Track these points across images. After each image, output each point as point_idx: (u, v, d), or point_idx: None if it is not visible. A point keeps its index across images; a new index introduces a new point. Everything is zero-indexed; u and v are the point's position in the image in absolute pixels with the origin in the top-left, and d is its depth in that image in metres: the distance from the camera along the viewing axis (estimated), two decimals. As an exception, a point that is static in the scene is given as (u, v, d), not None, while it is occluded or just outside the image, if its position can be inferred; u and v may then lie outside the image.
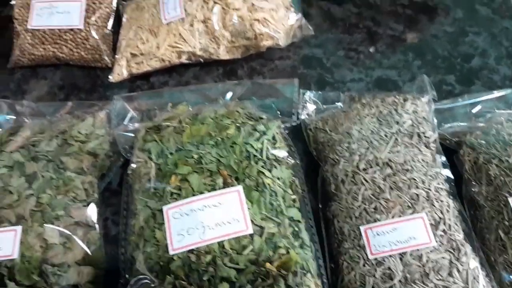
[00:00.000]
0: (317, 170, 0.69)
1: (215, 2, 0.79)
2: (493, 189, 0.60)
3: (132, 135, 0.71)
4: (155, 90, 0.80)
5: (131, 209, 0.62)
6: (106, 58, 0.86)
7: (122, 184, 0.68)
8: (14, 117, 0.74)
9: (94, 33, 0.85)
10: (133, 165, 0.64)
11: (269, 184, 0.60)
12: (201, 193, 0.58)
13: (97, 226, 0.63)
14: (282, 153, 0.65)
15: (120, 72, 0.81)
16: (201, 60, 0.82)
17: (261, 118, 0.69)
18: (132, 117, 0.74)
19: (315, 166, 0.70)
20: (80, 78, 0.87)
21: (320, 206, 0.65)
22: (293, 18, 0.81)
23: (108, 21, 0.88)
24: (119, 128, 0.72)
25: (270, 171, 0.61)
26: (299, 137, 0.73)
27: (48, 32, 0.85)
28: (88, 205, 0.63)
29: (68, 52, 0.86)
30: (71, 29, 0.85)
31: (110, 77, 0.82)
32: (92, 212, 0.63)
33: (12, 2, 0.90)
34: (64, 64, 0.88)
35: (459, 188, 0.64)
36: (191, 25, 0.79)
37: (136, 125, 0.72)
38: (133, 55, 0.80)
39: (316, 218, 0.63)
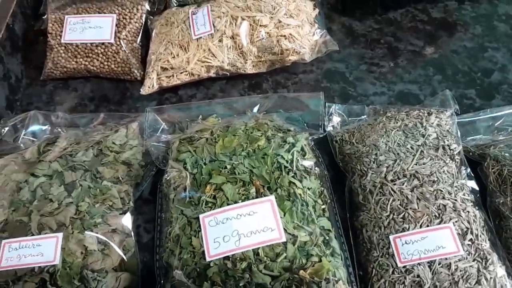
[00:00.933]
0: (342, 181, 0.71)
1: (243, 19, 0.82)
2: (518, 200, 0.62)
3: (164, 146, 0.74)
4: (184, 103, 0.83)
5: (166, 217, 0.64)
6: (135, 71, 0.90)
7: (156, 193, 0.71)
8: (49, 128, 0.77)
9: (124, 47, 0.89)
10: (168, 175, 0.67)
11: (300, 194, 0.62)
12: (235, 202, 0.60)
13: (132, 233, 0.65)
14: (310, 164, 0.67)
15: (150, 85, 0.84)
16: (228, 74, 0.85)
17: (289, 130, 0.72)
18: (163, 129, 0.77)
19: (340, 177, 0.72)
20: (109, 90, 0.90)
21: (348, 215, 0.67)
22: (318, 34, 0.84)
23: (137, 35, 0.92)
24: (152, 139, 0.75)
25: (300, 181, 0.64)
26: (324, 149, 0.76)
27: (81, 46, 0.89)
28: (124, 213, 0.66)
29: (99, 65, 0.89)
30: (103, 43, 0.88)
31: (141, 90, 0.85)
32: (127, 220, 0.65)
33: (44, 17, 0.95)
34: (94, 76, 0.92)
35: (483, 199, 0.66)
36: (220, 40, 0.82)
37: (168, 136, 0.75)
38: (164, 69, 0.84)
39: (343, 228, 0.66)
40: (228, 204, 0.60)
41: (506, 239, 0.62)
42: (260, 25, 0.81)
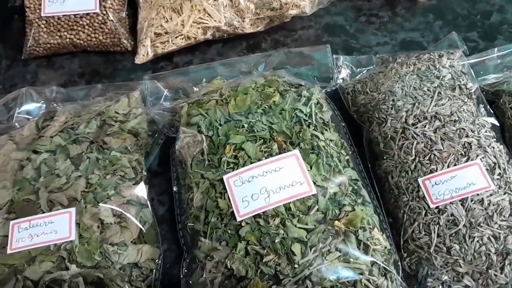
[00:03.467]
0: (358, 133, 0.69)
1: (237, -26, 0.78)
2: (540, 134, 0.62)
3: (170, 112, 0.70)
4: (184, 68, 0.78)
5: (186, 184, 0.61)
6: (125, 41, 0.85)
7: (164, 164, 0.68)
8: (44, 104, 0.72)
9: (111, 16, 0.83)
10: (181, 141, 0.63)
11: (323, 146, 0.60)
12: (259, 160, 0.58)
13: (148, 203, 0.62)
14: (328, 116, 0.65)
15: (145, 53, 0.79)
16: (225, 35, 0.81)
17: (301, 85, 0.69)
18: (166, 96, 0.73)
19: (355, 130, 0.70)
20: (100, 64, 0.85)
21: (370, 165, 0.65)
22: (316, -14, 0.81)
23: (124, 4, 0.86)
24: (156, 107, 0.71)
25: (322, 133, 0.61)
26: (334, 102, 0.74)
27: (63, 18, 0.83)
28: (137, 183, 0.62)
29: (85, 38, 0.83)
30: (87, 14, 0.83)
31: (135, 59, 0.80)
32: (142, 190, 0.62)
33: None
34: (80, 51, 0.86)
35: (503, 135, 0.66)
36: (215, -1, 0.78)
37: (172, 103, 0.71)
38: (158, 34, 0.79)
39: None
40: (251, 163, 0.58)
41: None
42: (256, -20, 0.77)
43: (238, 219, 0.54)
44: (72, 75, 0.84)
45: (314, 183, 0.56)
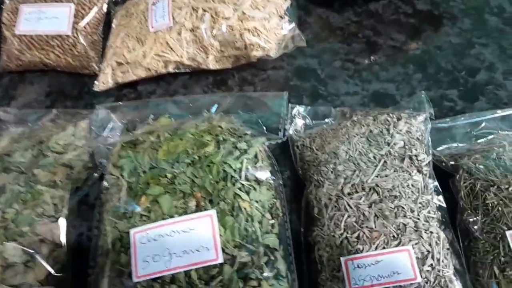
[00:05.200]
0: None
1: (204, 11, 0.75)
2: (490, 220, 0.55)
3: (111, 148, 0.68)
4: (141, 100, 0.77)
5: (101, 229, 0.59)
6: (94, 65, 0.84)
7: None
8: (-2, 124, 0.72)
9: (82, 39, 0.83)
10: (106, 182, 0.61)
11: (245, 208, 0.56)
12: (171, 216, 0.54)
13: (64, 243, 0.60)
14: (263, 173, 0.61)
15: (105, 80, 0.78)
16: (190, 69, 0.79)
17: (245, 134, 0.65)
18: (114, 128, 0.71)
19: (303, 187, 0.66)
20: (67, 85, 0.85)
21: (303, 230, 0.61)
22: (287, 28, 0.77)
23: (98, 27, 0.86)
24: (99, 139, 0.69)
25: (248, 193, 0.57)
26: (288, 154, 0.69)
27: (36, 37, 0.83)
28: (56, 220, 0.60)
29: (55, 58, 0.83)
30: (59, 35, 0.83)
31: (94, 86, 0.79)
32: (59, 228, 0.60)
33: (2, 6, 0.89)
34: (52, 70, 0.86)
35: (455, 215, 0.59)
36: (179, 33, 0.75)
37: (116, 138, 0.69)
38: (119, 63, 0.78)
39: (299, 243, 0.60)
40: (163, 219, 0.54)
41: (474, 263, 0.55)
42: (222, 18, 0.74)
43: (135, 280, 0.51)
44: (39, 94, 0.84)
45: (223, 250, 0.52)
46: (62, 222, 0.61)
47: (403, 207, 0.55)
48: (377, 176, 0.57)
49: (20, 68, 0.86)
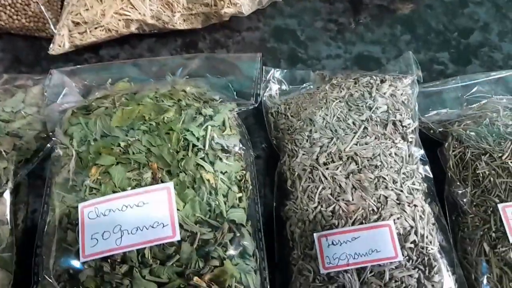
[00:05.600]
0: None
1: (169, -38, 0.67)
2: (480, 192, 0.50)
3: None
4: (100, 64, 0.69)
5: (49, 204, 0.53)
6: (52, 27, 0.76)
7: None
8: None
9: (36, -3, 0.75)
10: (55, 152, 0.55)
11: (208, 180, 0.50)
12: (124, 189, 0.48)
13: (8, 220, 0.54)
14: (232, 142, 0.55)
15: (61, 42, 0.71)
16: (155, 30, 0.71)
17: (213, 100, 0.59)
18: (69, 94, 0.64)
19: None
20: (22, 50, 0.77)
21: (275, 204, 0.55)
22: (261, -19, 0.70)
23: (55, -17, 0.78)
24: (52, 106, 0.62)
25: (212, 164, 0.51)
26: (264, 123, 0.63)
27: (-15, -4, 0.75)
28: (0, 195, 0.54)
29: (7, 20, 0.75)
30: (11, -7, 0.74)
31: (50, 48, 0.71)
32: (4, 203, 0.54)
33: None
34: (6, 33, 0.78)
35: (443, 188, 0.54)
36: (141, -12, 0.67)
37: (72, 104, 0.62)
38: (76, 23, 0.70)
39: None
40: (114, 192, 0.48)
41: (462, 239, 0.50)
42: (188, -30, 0.66)
43: (82, 259, 0.45)
44: (-9, 59, 0.77)
45: (182, 226, 0.46)
46: (7, 197, 0.54)
47: (384, 178, 0.49)
48: (356, 144, 0.51)
49: (-28, 31, 0.78)
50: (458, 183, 0.51)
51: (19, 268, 0.55)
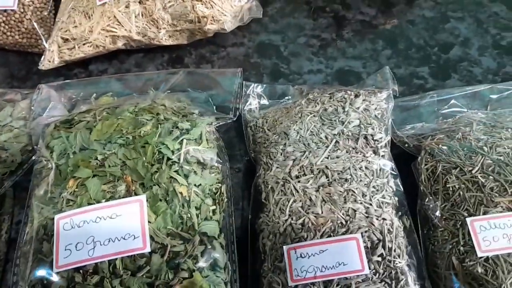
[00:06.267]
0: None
1: (154, -20, 0.69)
2: (450, 206, 0.50)
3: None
4: (86, 79, 0.71)
5: (29, 216, 0.54)
6: (45, 43, 0.78)
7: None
8: None
9: (29, 15, 0.77)
10: (37, 165, 0.56)
11: (181, 193, 0.51)
12: (98, 201, 0.50)
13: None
14: (208, 156, 0.56)
15: (50, 58, 0.73)
16: (142, 46, 0.73)
17: (192, 114, 0.60)
18: (55, 108, 0.66)
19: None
20: (15, 65, 0.80)
21: (250, 217, 0.56)
22: (244, -2, 0.71)
23: (48, 2, 0.80)
24: (39, 120, 0.64)
25: (186, 177, 0.52)
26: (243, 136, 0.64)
27: (-19, 13, 0.78)
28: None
29: (1, 36, 0.78)
30: (4, 11, 0.77)
31: (40, 64, 0.73)
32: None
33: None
34: (0, 48, 0.81)
35: (416, 201, 0.54)
36: (127, 6, 0.70)
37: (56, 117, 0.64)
38: (65, 39, 0.72)
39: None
40: (89, 204, 0.50)
41: (432, 253, 0.50)
42: (173, -12, 0.68)
43: (55, 270, 0.47)
44: (-16, 74, 0.79)
45: (152, 238, 0.48)
46: (-13, 209, 0.56)
47: (353, 191, 0.50)
48: (327, 158, 0.52)
49: (-33, 47, 0.81)
50: (429, 197, 0.52)
51: (2, 278, 0.57)
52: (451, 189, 0.51)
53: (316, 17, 0.78)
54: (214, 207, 0.53)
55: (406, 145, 0.58)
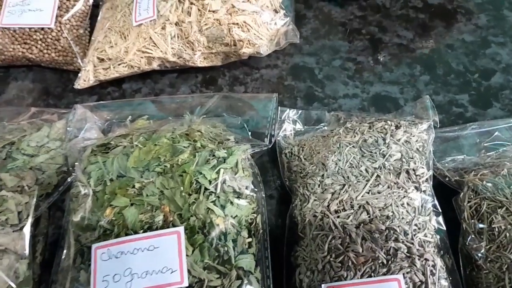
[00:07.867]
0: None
1: (191, 3, 0.69)
2: (496, 247, 0.48)
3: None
4: (122, 100, 0.72)
5: (65, 241, 0.54)
6: (79, 61, 0.79)
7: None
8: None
9: (66, 33, 0.78)
10: (74, 190, 0.57)
11: (218, 225, 0.50)
12: (136, 231, 0.49)
13: (27, 254, 0.55)
14: (244, 183, 0.55)
15: (86, 77, 0.74)
16: (177, 66, 0.73)
17: (228, 140, 0.60)
18: (91, 129, 0.67)
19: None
20: (51, 82, 0.81)
21: (285, 249, 0.55)
22: (280, 22, 0.71)
23: (84, 20, 0.81)
24: (75, 141, 0.65)
25: (223, 207, 0.52)
26: (277, 161, 0.64)
27: (18, 31, 0.79)
28: (20, 229, 0.56)
29: (38, 53, 0.79)
30: (42, 28, 0.78)
31: (75, 83, 0.74)
32: (23, 238, 0.56)
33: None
34: (37, 65, 0.82)
35: (457, 235, 0.52)
36: (163, 28, 0.70)
37: (93, 140, 0.64)
38: (101, 59, 0.73)
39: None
40: (126, 234, 0.49)
41: (476, 295, 0.48)
42: (209, 11, 0.68)
43: (92, 302, 0.47)
44: (22, 90, 0.80)
45: (190, 272, 0.47)
46: (26, 232, 0.57)
47: (395, 229, 0.48)
48: (368, 193, 0.51)
49: (4, 63, 0.82)
50: (473, 236, 0.50)
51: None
52: (496, 229, 0.49)
53: (352, 40, 0.77)
54: (250, 239, 0.52)
55: (447, 178, 0.56)
